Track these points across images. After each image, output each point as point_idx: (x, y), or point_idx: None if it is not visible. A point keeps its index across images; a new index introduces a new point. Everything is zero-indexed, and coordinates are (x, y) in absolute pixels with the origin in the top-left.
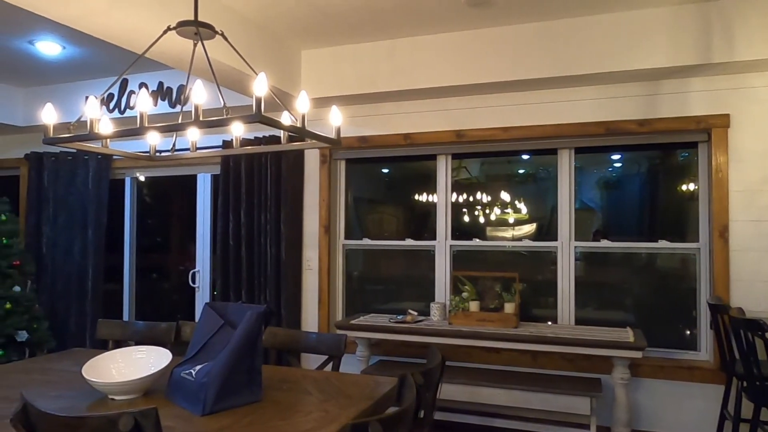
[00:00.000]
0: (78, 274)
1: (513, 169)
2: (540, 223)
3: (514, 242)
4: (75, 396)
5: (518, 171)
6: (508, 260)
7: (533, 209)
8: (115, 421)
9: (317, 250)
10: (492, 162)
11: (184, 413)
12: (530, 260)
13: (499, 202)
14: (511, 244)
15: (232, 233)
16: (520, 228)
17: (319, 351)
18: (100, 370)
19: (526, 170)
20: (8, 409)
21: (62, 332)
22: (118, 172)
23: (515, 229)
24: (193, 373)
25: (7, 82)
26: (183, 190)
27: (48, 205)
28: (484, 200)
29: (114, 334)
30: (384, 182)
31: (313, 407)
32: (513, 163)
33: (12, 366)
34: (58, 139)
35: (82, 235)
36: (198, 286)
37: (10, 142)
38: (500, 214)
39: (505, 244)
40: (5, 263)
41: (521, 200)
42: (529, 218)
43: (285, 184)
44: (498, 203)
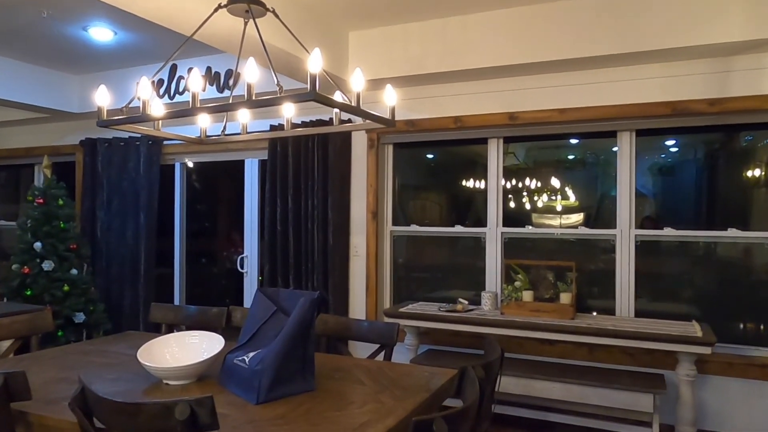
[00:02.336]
0: (131, 258)
1: (561, 155)
2: (588, 211)
3: (569, 230)
4: (131, 379)
5: (567, 156)
6: (559, 248)
7: (582, 196)
8: (172, 409)
9: (365, 236)
10: (540, 147)
11: (238, 401)
12: (582, 249)
13: (547, 189)
14: (567, 231)
15: (279, 219)
16: (568, 217)
17: (371, 339)
18: (155, 354)
19: (576, 155)
20: (68, 390)
21: (117, 314)
22: (168, 158)
23: (562, 217)
24: (246, 360)
25: (62, 69)
26: (231, 176)
27: (102, 190)
28: (532, 186)
29: (167, 318)
30: (427, 168)
31: (368, 398)
32: (561, 148)
33: (70, 347)
34: (111, 122)
35: (135, 219)
36: (246, 272)
37: (66, 128)
38: (547, 201)
39: (560, 232)
40: (63, 247)
41: (569, 187)
42: (578, 205)
43: (332, 169)
44: (546, 190)
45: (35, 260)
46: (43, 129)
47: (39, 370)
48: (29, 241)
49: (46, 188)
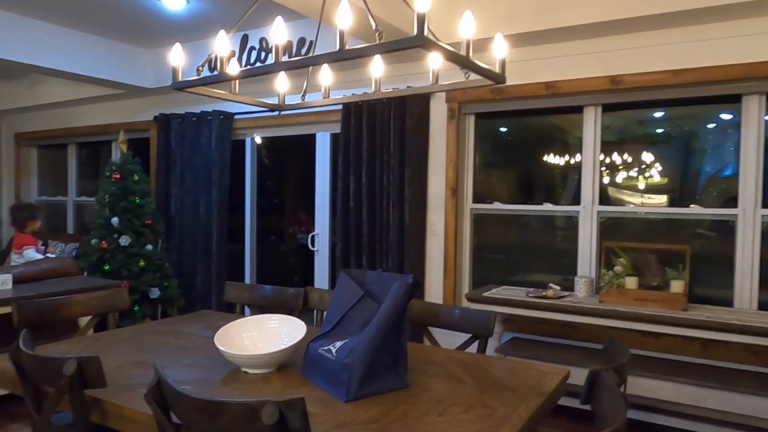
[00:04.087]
0: (203, 234)
1: (647, 128)
2: (676, 188)
3: (679, 210)
4: (208, 365)
5: (654, 130)
6: (654, 230)
7: (671, 172)
8: (258, 411)
9: (443, 214)
10: (624, 117)
11: (325, 396)
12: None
13: (634, 164)
14: (676, 211)
15: (352, 195)
16: (650, 197)
17: (463, 328)
18: (233, 338)
19: (665, 129)
20: (143, 375)
21: (190, 291)
22: (239, 133)
23: (645, 196)
24: (332, 350)
25: (136, 43)
26: (301, 151)
27: (175, 165)
28: (617, 162)
29: (241, 298)
30: (502, 143)
31: (472, 400)
32: (645, 123)
33: (145, 327)
34: (187, 83)
35: (207, 195)
36: (317, 250)
37: (141, 104)
38: (630, 178)
39: (668, 211)
40: (138, 222)
41: (656, 162)
42: (668, 182)
43: (409, 142)
44: (634, 165)
45: (113, 235)
46: (119, 106)
47: (114, 351)
48: (107, 216)
49: (123, 163)
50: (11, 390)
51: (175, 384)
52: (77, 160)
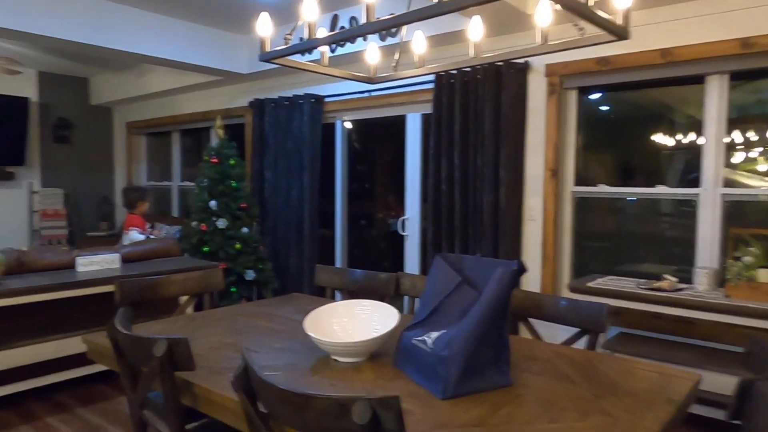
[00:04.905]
0: (296, 218)
1: None
2: None
3: None
4: (297, 350)
5: None
6: None
7: None
8: (348, 408)
9: (541, 197)
10: (745, 91)
11: (420, 392)
12: None
13: (756, 143)
14: None
15: (444, 177)
16: None
17: (569, 321)
18: (322, 324)
19: None
20: (233, 359)
21: (283, 273)
22: (329, 116)
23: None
24: (428, 341)
25: (231, 30)
26: (390, 135)
27: (269, 150)
28: (736, 140)
29: (332, 282)
30: (602, 120)
31: (587, 405)
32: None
33: (238, 308)
34: (275, 53)
35: (299, 179)
36: (407, 234)
37: (237, 91)
38: (750, 159)
39: None
40: (235, 206)
41: None
42: None
43: (505, 121)
44: (755, 144)
45: (211, 218)
46: (217, 92)
47: (207, 332)
48: (206, 199)
49: (220, 148)
50: (109, 366)
51: (261, 372)
52: (180, 146)
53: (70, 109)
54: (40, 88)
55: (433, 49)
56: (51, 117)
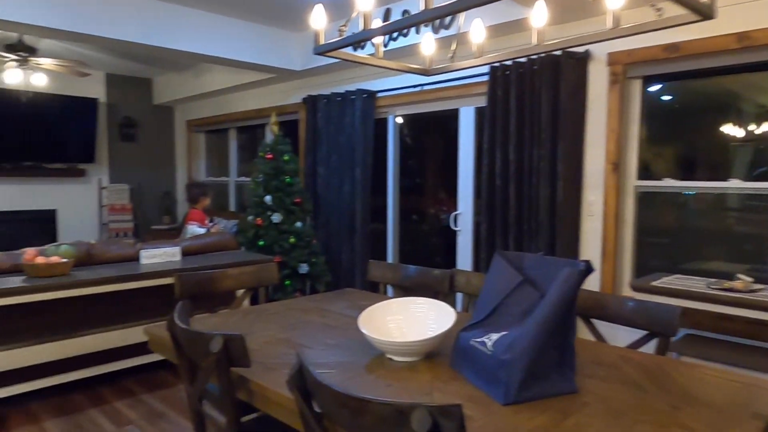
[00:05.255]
0: (348, 213)
1: None
2: None
3: None
4: (351, 347)
5: None
6: None
7: None
8: (407, 415)
9: (602, 191)
10: None
11: (479, 396)
12: None
13: None
14: None
15: (498, 172)
16: None
17: (636, 324)
18: (377, 321)
19: None
20: (287, 355)
21: (335, 267)
22: (381, 111)
23: None
24: (487, 343)
25: (285, 27)
26: (441, 130)
27: (322, 145)
28: None
29: (385, 277)
30: (663, 110)
31: (664, 417)
32: None
33: (292, 303)
34: (329, 46)
35: (351, 175)
36: (460, 230)
37: (291, 88)
38: None
39: None
40: (289, 200)
41: None
42: None
43: (563, 112)
44: None
45: (266, 213)
46: (271, 90)
47: (261, 326)
48: (261, 194)
49: (274, 144)
50: (169, 357)
51: (317, 373)
52: (237, 143)
53: (135, 109)
54: (108, 89)
55: (489, 41)
56: (118, 116)
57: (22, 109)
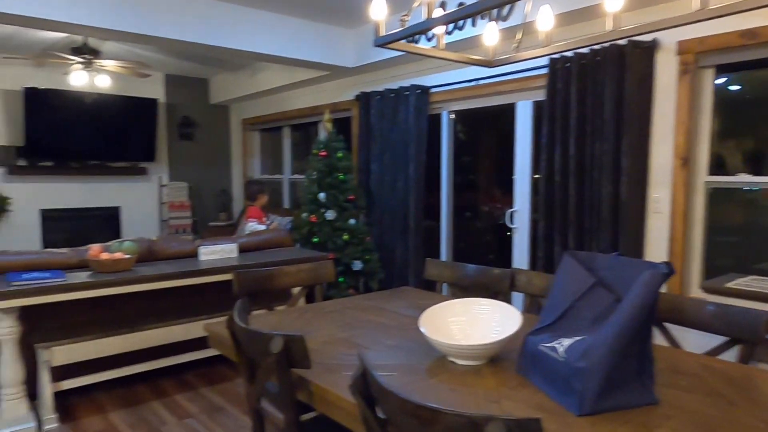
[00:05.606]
0: (401, 210)
1: None
2: None
3: None
4: (412, 349)
5: None
6: None
7: None
8: (482, 427)
9: (669, 188)
10: None
11: (551, 405)
12: None
13: None
14: None
15: (558, 168)
16: None
17: (717, 329)
18: (439, 323)
19: None
20: (347, 356)
21: (389, 264)
22: (434, 107)
23: None
24: (559, 349)
25: (338, 24)
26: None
27: (375, 142)
28: None
29: (442, 276)
30: (738, 100)
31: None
32: None
33: (349, 301)
34: (390, 37)
35: (404, 171)
36: (516, 227)
37: (344, 85)
38: None
39: None
40: (342, 197)
41: None
42: None
43: (628, 105)
44: None
45: (320, 210)
46: (324, 87)
47: (319, 325)
48: (315, 191)
49: (328, 141)
50: (228, 355)
51: (382, 379)
52: (291, 140)
53: (192, 108)
54: (167, 89)
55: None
56: (176, 116)
57: (88, 110)
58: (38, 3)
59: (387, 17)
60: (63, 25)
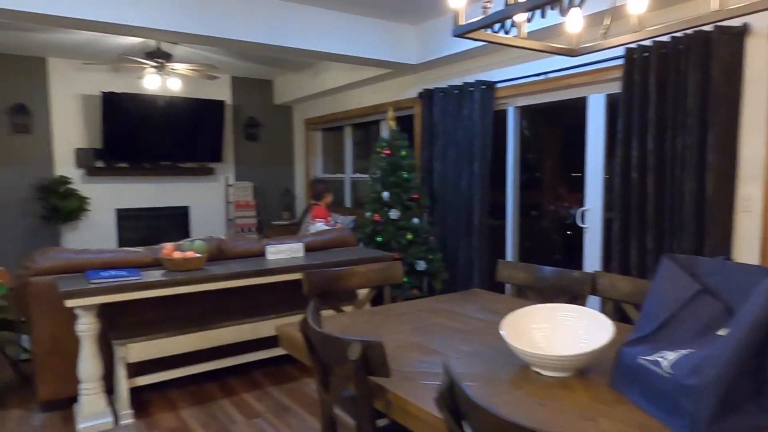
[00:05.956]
0: (465, 208)
1: None
2: None
3: None
4: (490, 357)
5: None
6: None
7: None
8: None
9: (761, 184)
10: None
11: (655, 426)
12: None
13: None
14: None
15: (635, 163)
16: None
17: None
18: (521, 329)
19: None
20: (424, 362)
21: (452, 264)
22: (500, 102)
23: None
24: (662, 363)
25: (401, 21)
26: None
27: (438, 140)
28: None
29: (516, 278)
30: None
31: None
32: None
33: (418, 303)
34: (469, 26)
35: (469, 169)
36: (587, 227)
37: (406, 82)
38: None
39: None
40: (406, 196)
41: None
42: None
43: (714, 95)
44: None
45: (383, 209)
46: (386, 86)
47: (391, 329)
48: (378, 190)
49: (392, 139)
50: (300, 358)
51: (474, 394)
52: (352, 139)
53: (257, 109)
54: (233, 91)
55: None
56: (242, 117)
57: (159, 113)
58: (115, 9)
59: (465, 10)
60: (137, 29)
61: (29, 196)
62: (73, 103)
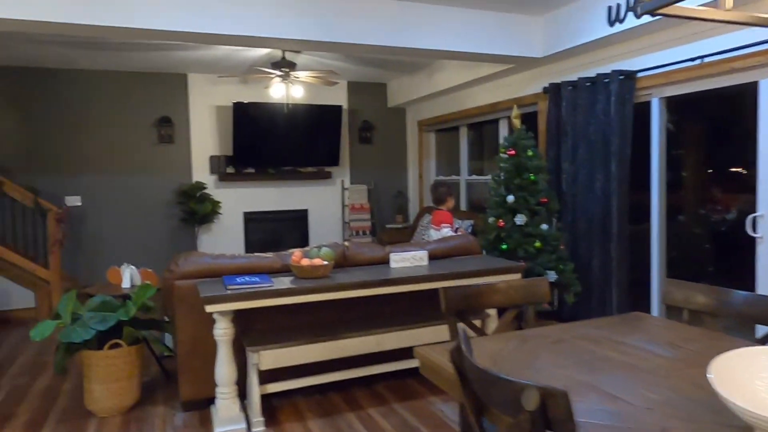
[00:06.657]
0: (600, 213)
1: None
2: None
3: None
4: (690, 411)
5: None
6: None
7: None
8: None
9: None
10: None
11: None
12: None
13: None
14: None
15: None
16: None
17: None
18: (737, 379)
19: None
20: (604, 411)
21: (584, 275)
22: (641, 94)
23: None
24: None
25: (525, 12)
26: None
27: (566, 138)
28: None
29: (692, 302)
30: None
31: None
32: None
33: (571, 329)
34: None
35: (604, 169)
36: (760, 236)
37: (528, 78)
38: None
39: None
40: (533, 200)
41: None
42: None
43: None
44: None
45: (508, 214)
46: (506, 82)
47: (549, 360)
48: (502, 194)
49: (516, 139)
50: (446, 389)
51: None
52: (467, 140)
53: (371, 113)
54: (349, 95)
55: None
56: (357, 121)
57: (283, 120)
58: (247, 22)
59: None
60: (268, 40)
61: (172, 201)
62: (208, 114)
